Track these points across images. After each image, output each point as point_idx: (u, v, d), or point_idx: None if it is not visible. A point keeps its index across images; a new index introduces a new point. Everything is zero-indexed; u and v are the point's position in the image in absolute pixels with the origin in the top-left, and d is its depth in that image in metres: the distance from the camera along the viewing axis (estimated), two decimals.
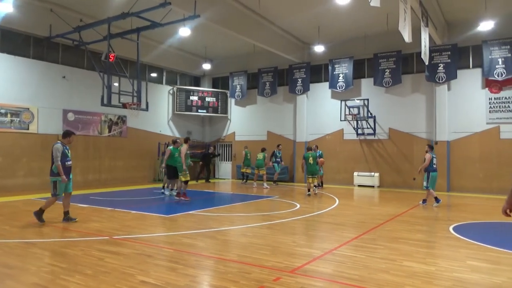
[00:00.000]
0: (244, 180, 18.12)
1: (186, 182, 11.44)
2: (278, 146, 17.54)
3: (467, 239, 6.72)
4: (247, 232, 7.27)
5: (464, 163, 15.19)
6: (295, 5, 13.96)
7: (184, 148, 11.45)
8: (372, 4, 8.32)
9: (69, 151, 7.89)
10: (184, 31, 14.38)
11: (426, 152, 11.09)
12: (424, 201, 11.30)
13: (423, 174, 11.20)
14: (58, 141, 7.82)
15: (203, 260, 5.35)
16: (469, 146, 15.10)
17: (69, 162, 7.83)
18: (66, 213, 7.94)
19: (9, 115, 13.45)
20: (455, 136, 15.38)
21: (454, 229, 7.62)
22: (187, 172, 11.35)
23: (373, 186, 16.55)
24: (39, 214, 7.68)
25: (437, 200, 10.81)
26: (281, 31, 16.70)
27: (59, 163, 7.55)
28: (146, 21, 12.51)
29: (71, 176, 7.96)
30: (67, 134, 7.91)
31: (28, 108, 13.99)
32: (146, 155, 18.47)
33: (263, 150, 16.92)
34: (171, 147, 12.26)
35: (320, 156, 15.20)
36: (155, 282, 4.38)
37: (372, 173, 16.79)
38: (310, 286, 4.34)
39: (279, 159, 17.26)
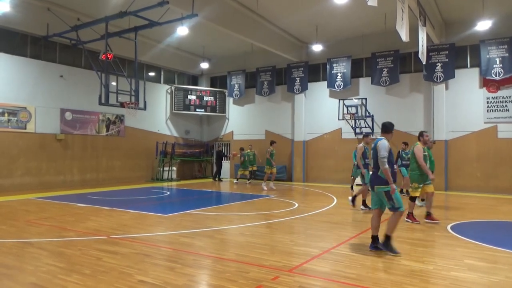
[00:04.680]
0: (249, 181, 17.84)
1: (413, 199, 8.28)
2: (404, 144, 13.45)
3: (464, 238, 6.74)
4: (245, 231, 7.27)
5: (462, 162, 15.23)
6: (293, 4, 13.94)
7: (419, 147, 8.17)
8: (369, 3, 8.32)
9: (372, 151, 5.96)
10: (182, 30, 14.34)
11: None
12: None
13: None
14: (381, 137, 5.91)
15: (202, 259, 5.34)
16: (467, 145, 15.14)
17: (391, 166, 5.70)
18: (388, 238, 5.63)
19: (6, 115, 13.39)
20: (453, 136, 15.41)
21: (452, 228, 7.64)
22: (421, 184, 8.14)
23: None
24: (386, 243, 5.64)
25: None
26: (279, 30, 16.69)
27: (386, 166, 5.57)
28: (144, 20, 12.48)
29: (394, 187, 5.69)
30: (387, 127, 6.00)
31: (26, 108, 13.94)
32: (144, 154, 18.45)
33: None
34: (417, 144, 8.40)
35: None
36: (153, 281, 4.38)
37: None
38: (308, 285, 4.35)
39: (406, 161, 12.33)
